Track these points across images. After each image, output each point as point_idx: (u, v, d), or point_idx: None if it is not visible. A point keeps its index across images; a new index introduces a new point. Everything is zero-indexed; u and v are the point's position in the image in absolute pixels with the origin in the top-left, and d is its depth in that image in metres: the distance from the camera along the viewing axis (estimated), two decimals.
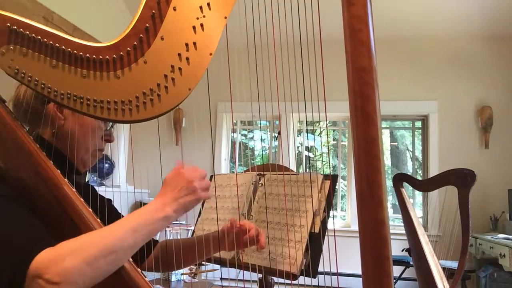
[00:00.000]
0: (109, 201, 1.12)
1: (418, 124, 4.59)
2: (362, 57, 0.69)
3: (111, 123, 1.04)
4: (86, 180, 1.19)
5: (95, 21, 3.66)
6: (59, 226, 0.79)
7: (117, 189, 3.90)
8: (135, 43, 0.78)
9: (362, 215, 0.69)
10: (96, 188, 1.09)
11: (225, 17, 0.82)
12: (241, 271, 1.28)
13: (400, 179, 2.60)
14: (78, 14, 3.44)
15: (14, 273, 0.66)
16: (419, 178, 3.91)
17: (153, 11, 0.78)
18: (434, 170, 4.14)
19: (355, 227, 4.20)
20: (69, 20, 3.34)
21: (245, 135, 5.46)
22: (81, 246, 0.69)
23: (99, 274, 0.70)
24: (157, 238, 1.23)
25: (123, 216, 1.08)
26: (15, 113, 0.91)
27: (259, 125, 4.82)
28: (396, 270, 3.54)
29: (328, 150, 4.85)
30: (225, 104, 4.52)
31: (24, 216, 0.74)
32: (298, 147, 5.08)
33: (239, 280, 1.20)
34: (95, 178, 3.94)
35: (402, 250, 3.25)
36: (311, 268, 1.16)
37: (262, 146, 5.30)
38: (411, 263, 2.73)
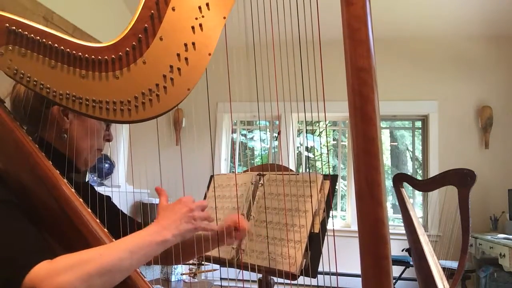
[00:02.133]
0: (108, 198, 1.12)
1: (418, 124, 4.59)
2: (361, 57, 0.69)
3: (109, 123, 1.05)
4: (86, 180, 1.19)
5: (95, 21, 3.66)
6: (58, 226, 0.79)
7: (117, 189, 3.90)
8: (134, 43, 0.78)
9: (361, 215, 0.69)
10: (96, 188, 1.10)
11: (224, 17, 0.82)
12: (241, 271, 1.27)
13: (400, 179, 2.60)
14: (78, 14, 3.44)
15: (8, 283, 0.67)
16: (419, 178, 3.91)
17: (152, 11, 0.78)
18: (434, 170, 4.14)
19: (355, 227, 4.20)
20: (69, 20, 3.34)
21: (245, 135, 5.46)
22: (78, 263, 0.70)
23: None
24: None
25: (122, 212, 1.08)
26: (14, 112, 0.91)
27: (259, 125, 4.82)
28: (396, 270, 3.54)
29: (328, 150, 4.85)
30: (225, 104, 4.52)
31: (22, 224, 0.74)
32: (298, 147, 5.07)
33: (239, 280, 1.20)
34: (95, 178, 3.94)
35: (402, 250, 3.25)
36: (311, 268, 1.16)
37: (262, 146, 5.30)
38: (411, 263, 2.73)
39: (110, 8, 4.00)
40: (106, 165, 4.03)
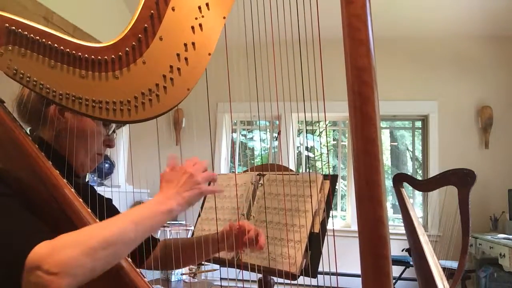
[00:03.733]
0: (109, 200, 1.12)
1: (418, 124, 4.59)
2: (361, 56, 0.69)
3: (113, 129, 1.04)
4: (86, 180, 1.19)
5: (95, 21, 3.66)
6: (58, 226, 0.78)
7: (117, 189, 3.90)
8: (133, 43, 0.78)
9: (361, 215, 0.69)
10: (96, 188, 1.09)
11: (224, 17, 0.82)
12: (241, 271, 1.27)
13: (400, 179, 2.60)
14: (78, 14, 3.44)
15: (10, 271, 0.66)
16: (419, 178, 3.91)
17: (152, 11, 0.78)
18: (434, 170, 4.14)
19: (355, 227, 4.19)
20: (69, 20, 3.34)
21: (245, 135, 5.46)
22: (81, 238, 0.68)
23: (98, 266, 0.68)
24: (157, 237, 1.23)
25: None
26: (17, 113, 0.91)
27: (259, 125, 4.82)
28: (396, 270, 3.54)
29: (328, 150, 4.85)
30: (225, 104, 4.52)
31: (21, 213, 0.73)
32: (298, 147, 5.07)
33: (239, 280, 1.20)
34: (95, 178, 3.94)
35: (402, 250, 3.25)
36: (311, 268, 1.16)
37: (262, 146, 5.30)
38: (411, 263, 2.72)
39: (110, 8, 4.00)
40: (106, 165, 4.03)
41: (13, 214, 0.73)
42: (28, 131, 0.88)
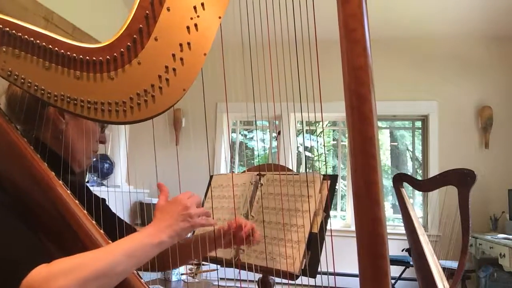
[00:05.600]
0: (103, 200, 1.12)
1: (418, 124, 4.59)
2: (358, 56, 0.69)
3: (105, 125, 1.04)
4: (86, 181, 1.19)
5: (95, 21, 3.66)
6: (54, 228, 0.78)
7: (117, 189, 3.90)
8: (128, 44, 0.78)
9: (359, 214, 0.69)
10: (96, 188, 1.09)
11: (220, 17, 0.81)
12: (241, 271, 1.27)
13: (400, 179, 2.60)
14: (78, 14, 3.44)
15: (5, 285, 0.67)
16: (419, 178, 3.90)
17: (147, 11, 0.78)
18: (434, 170, 4.13)
19: (354, 227, 4.19)
20: (69, 20, 3.34)
21: (245, 135, 5.46)
22: (75, 267, 0.70)
23: None
24: None
25: (117, 216, 1.08)
26: (9, 111, 0.91)
27: (258, 125, 4.81)
28: (396, 270, 3.53)
29: (325, 149, 4.85)
30: (225, 104, 4.52)
31: (18, 226, 0.74)
32: (298, 147, 5.07)
33: (239, 280, 1.20)
34: (95, 178, 3.94)
35: (402, 250, 3.24)
36: (310, 268, 1.16)
37: (262, 146, 5.29)
38: (411, 263, 2.72)
39: (110, 8, 4.00)
40: (106, 165, 4.03)
41: (9, 226, 0.73)
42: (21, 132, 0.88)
